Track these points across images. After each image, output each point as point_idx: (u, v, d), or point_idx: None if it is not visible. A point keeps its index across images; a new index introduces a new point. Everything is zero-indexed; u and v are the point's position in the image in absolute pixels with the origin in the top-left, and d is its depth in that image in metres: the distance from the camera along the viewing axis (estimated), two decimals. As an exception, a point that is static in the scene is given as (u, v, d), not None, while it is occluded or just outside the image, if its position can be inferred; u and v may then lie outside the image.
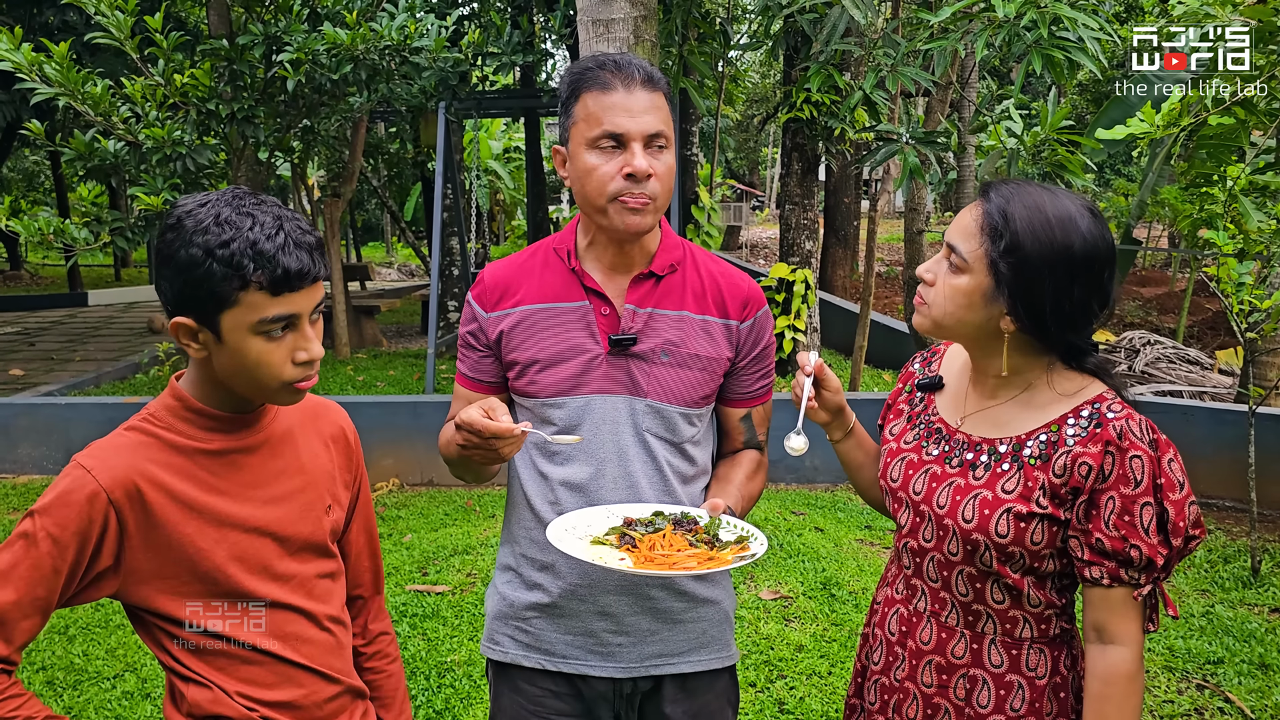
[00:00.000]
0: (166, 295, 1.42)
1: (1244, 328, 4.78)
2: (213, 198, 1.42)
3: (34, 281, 24.32)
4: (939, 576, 1.64)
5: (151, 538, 1.43)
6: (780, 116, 8.05)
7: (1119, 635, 1.51)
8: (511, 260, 1.91)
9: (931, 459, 1.68)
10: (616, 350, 1.79)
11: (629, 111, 1.67)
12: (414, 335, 14.32)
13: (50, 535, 1.36)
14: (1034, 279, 1.49)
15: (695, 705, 1.89)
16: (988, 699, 1.60)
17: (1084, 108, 20.05)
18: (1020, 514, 1.52)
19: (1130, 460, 1.47)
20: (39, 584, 1.37)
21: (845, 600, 4.53)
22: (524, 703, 1.89)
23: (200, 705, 1.51)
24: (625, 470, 1.81)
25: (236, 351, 1.41)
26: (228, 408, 1.51)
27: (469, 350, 1.90)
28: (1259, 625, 4.31)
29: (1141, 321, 14.27)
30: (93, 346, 13.28)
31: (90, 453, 1.42)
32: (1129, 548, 1.47)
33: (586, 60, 1.74)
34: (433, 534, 5.63)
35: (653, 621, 1.84)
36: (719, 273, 1.89)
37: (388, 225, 33.88)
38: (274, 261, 1.37)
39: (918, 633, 1.68)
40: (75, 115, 5.85)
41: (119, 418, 5.73)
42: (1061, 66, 3.91)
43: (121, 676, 4.00)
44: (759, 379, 1.91)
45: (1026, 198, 1.52)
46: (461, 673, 3.88)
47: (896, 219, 28.81)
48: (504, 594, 1.93)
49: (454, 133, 11.04)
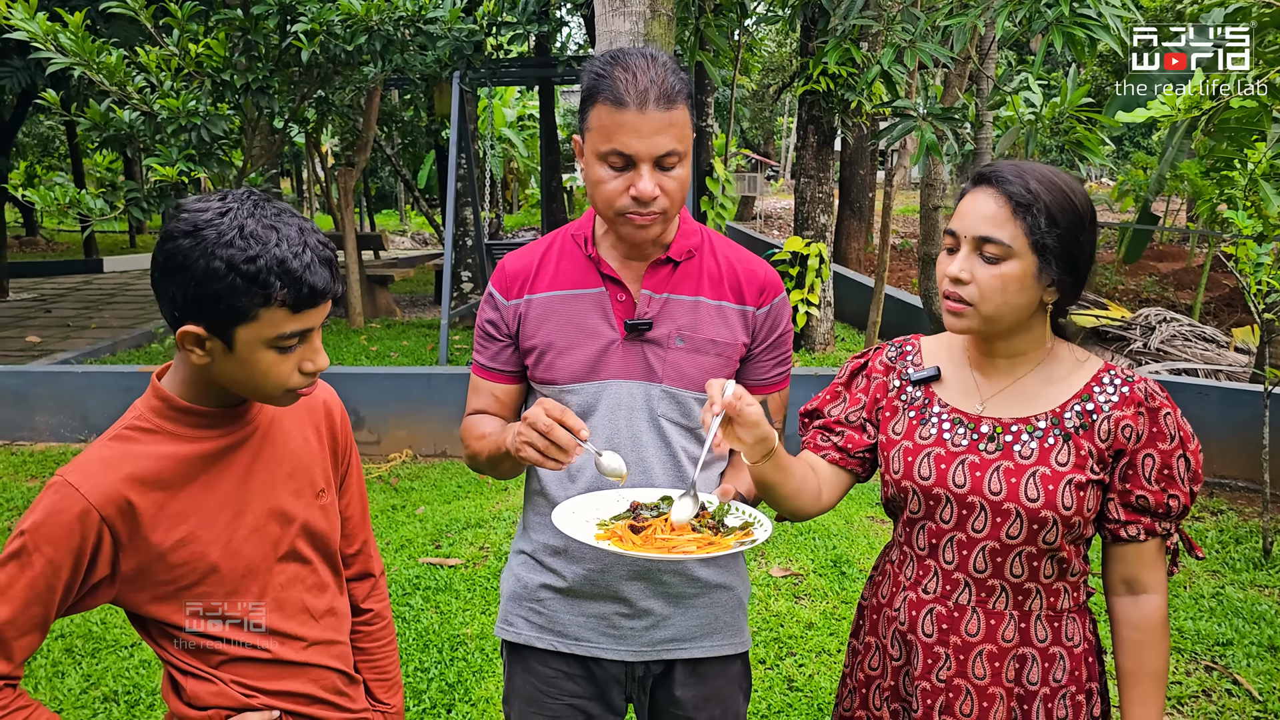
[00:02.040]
0: (175, 301, 1.37)
1: (1261, 308, 4.74)
2: (231, 206, 1.37)
3: (50, 248, 24.42)
4: (990, 564, 1.63)
5: (145, 545, 1.42)
6: (797, 88, 7.98)
7: (1151, 584, 1.63)
8: (531, 249, 1.92)
9: (962, 449, 1.66)
10: (632, 335, 1.80)
11: (639, 133, 1.62)
12: (427, 305, 14.34)
13: (44, 555, 1.35)
14: (1074, 245, 1.56)
15: (706, 690, 1.91)
16: (1036, 675, 1.64)
17: (1104, 79, 19.81)
18: (1080, 483, 1.57)
19: (1164, 417, 1.58)
20: (34, 602, 1.36)
21: (855, 578, 4.55)
22: (537, 684, 1.91)
23: (200, 697, 1.53)
24: (639, 455, 1.82)
25: (246, 362, 1.40)
26: (216, 404, 1.49)
27: (488, 341, 1.90)
28: (1269, 607, 4.31)
29: (1158, 297, 14.16)
30: (109, 314, 13.35)
31: (76, 468, 1.40)
32: (1169, 499, 1.58)
33: (606, 61, 1.68)
34: (446, 506, 5.67)
35: (665, 605, 1.86)
36: (736, 259, 1.88)
37: (401, 193, 33.83)
38: (300, 281, 1.36)
39: (962, 627, 1.66)
40: (90, 84, 5.85)
41: (135, 386, 5.77)
42: (1082, 44, 3.86)
43: (140, 645, 4.06)
44: (775, 365, 1.91)
45: (1036, 172, 1.57)
46: (474, 646, 3.92)
47: (912, 190, 28.61)
48: (518, 575, 1.95)
49: (468, 102, 10.98)
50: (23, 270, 18.33)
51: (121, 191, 6.15)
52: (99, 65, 5.58)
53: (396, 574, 4.60)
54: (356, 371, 7.31)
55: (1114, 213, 24.54)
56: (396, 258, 21.11)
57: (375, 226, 28.08)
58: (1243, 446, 5.81)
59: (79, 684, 3.75)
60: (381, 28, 5.86)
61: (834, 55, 5.08)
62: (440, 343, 9.24)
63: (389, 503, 5.85)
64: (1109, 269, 15.98)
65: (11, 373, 7.66)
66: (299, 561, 1.60)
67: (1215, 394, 6.20)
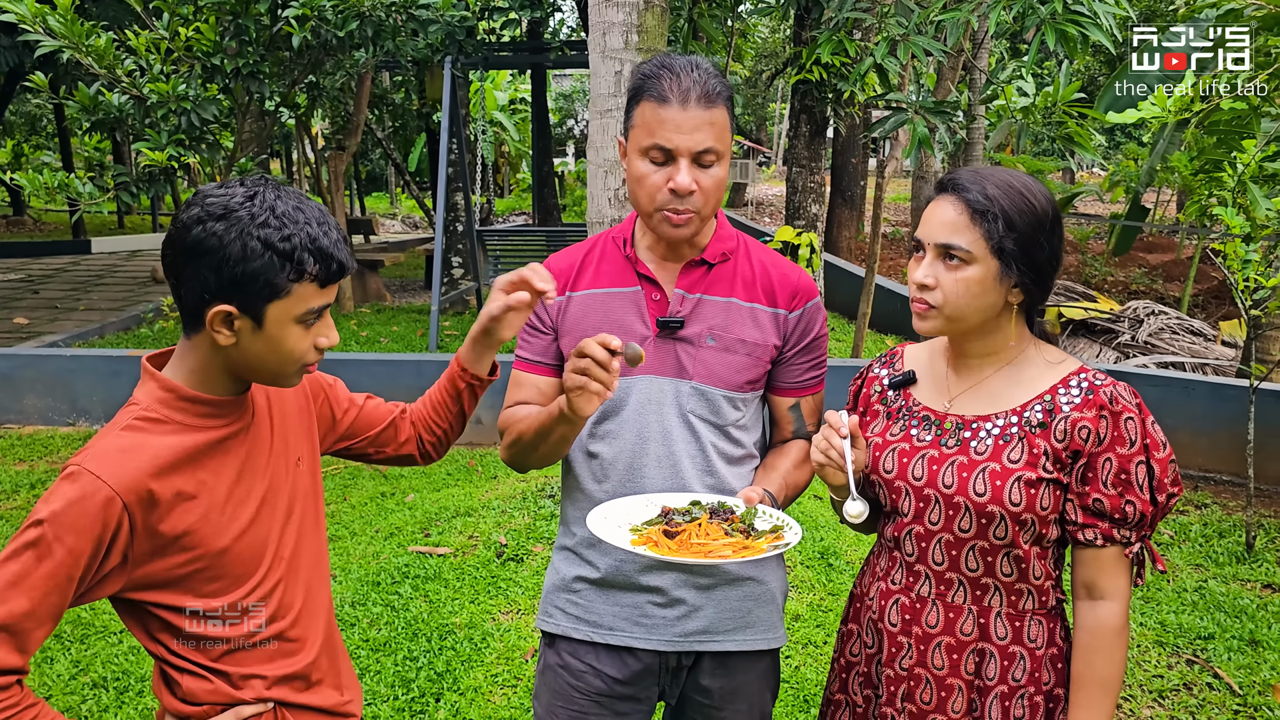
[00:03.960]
0: (206, 283, 1.40)
1: (1248, 304, 4.77)
2: (256, 189, 1.44)
3: (37, 228, 24.28)
4: (946, 557, 1.69)
5: (159, 534, 1.44)
6: (790, 78, 7.97)
7: (1108, 591, 1.63)
8: (575, 249, 1.99)
9: (925, 444, 1.72)
10: (664, 333, 1.86)
11: (680, 128, 1.70)
12: (417, 290, 14.32)
13: (65, 544, 1.35)
14: (1033, 247, 1.59)
15: (734, 683, 1.95)
16: (994, 671, 1.67)
17: (1097, 69, 19.82)
18: (1030, 480, 1.59)
19: (1125, 422, 1.58)
20: (53, 592, 1.36)
21: (843, 570, 4.58)
22: (568, 676, 1.95)
23: (195, 694, 1.55)
24: (669, 449, 1.87)
25: (274, 339, 1.46)
26: (223, 393, 1.53)
27: (532, 335, 1.96)
28: (1251, 601, 4.35)
29: (1147, 289, 14.23)
30: (97, 295, 13.29)
31: (95, 456, 1.41)
32: (1125, 504, 1.58)
33: (653, 64, 1.77)
34: (435, 494, 5.68)
35: (698, 595, 1.89)
36: (770, 263, 1.94)
37: (392, 176, 33.69)
38: (330, 257, 1.45)
39: (923, 618, 1.72)
40: (79, 66, 5.80)
41: (124, 370, 5.77)
42: (1075, 41, 3.87)
43: (126, 632, 4.06)
44: (808, 369, 1.95)
45: (994, 178, 1.62)
46: (463, 635, 3.94)
47: (904, 177, 28.60)
48: (558, 568, 2.01)
49: (460, 87, 10.93)
50: (10, 251, 18.24)
51: (110, 174, 6.11)
52: (88, 48, 5.54)
53: (386, 562, 4.62)
54: (346, 357, 7.30)
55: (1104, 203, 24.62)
56: (387, 241, 21.05)
57: (365, 210, 27.98)
58: (1228, 441, 5.86)
59: (68, 670, 3.76)
60: (373, 13, 5.83)
61: (827, 48, 5.08)
62: (430, 329, 9.24)
63: (378, 490, 5.86)
64: (1098, 261, 16.03)
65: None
66: (296, 532, 1.65)
67: (1202, 388, 6.25)
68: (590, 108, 4.55)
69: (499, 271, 11.23)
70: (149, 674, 3.73)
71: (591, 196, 4.59)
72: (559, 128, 34.28)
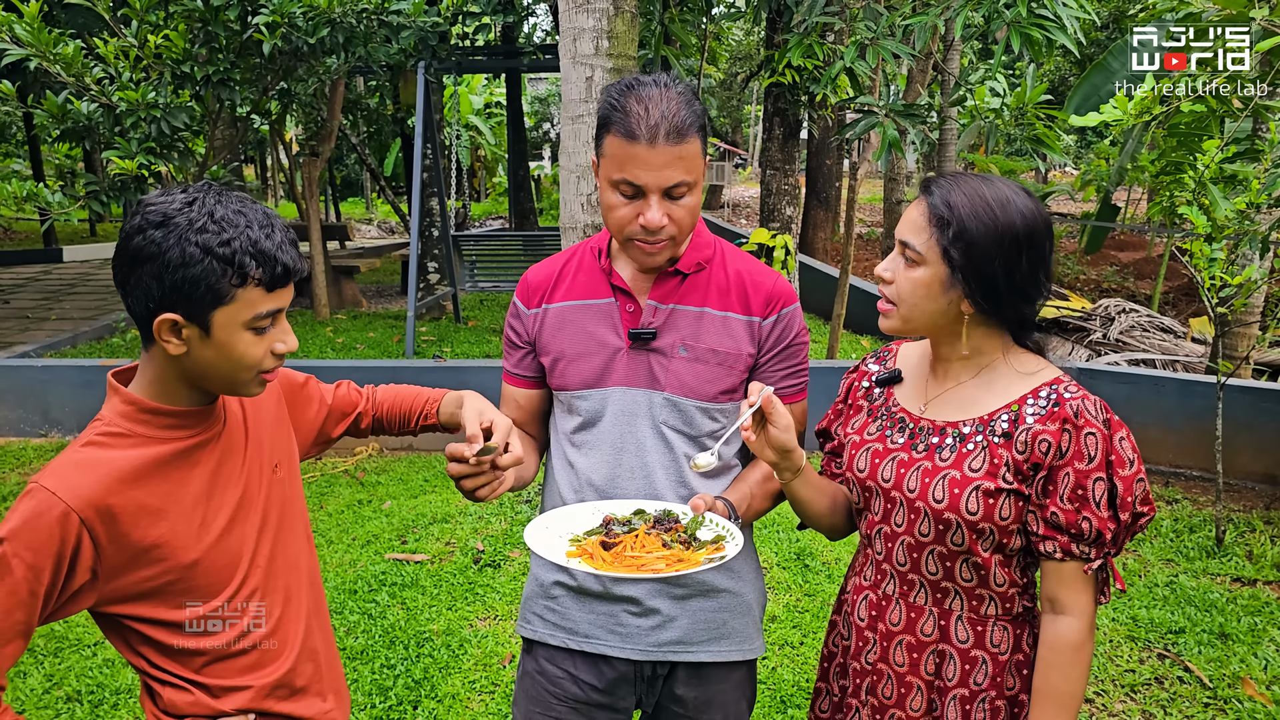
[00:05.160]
0: (149, 292, 1.39)
1: (1215, 302, 4.84)
2: (196, 195, 1.43)
3: (7, 236, 23.99)
4: (908, 559, 1.71)
5: (126, 547, 1.43)
6: (763, 80, 8.01)
7: (1069, 606, 1.61)
8: (553, 260, 1.99)
9: (897, 447, 1.73)
10: (637, 345, 1.85)
11: (649, 165, 1.67)
12: (394, 295, 14.26)
13: (24, 561, 1.35)
14: (984, 259, 1.58)
15: (709, 693, 1.95)
16: (954, 673, 1.68)
17: (1067, 69, 20.01)
18: (988, 490, 1.59)
19: (1085, 437, 1.56)
20: (17, 609, 1.36)
21: (818, 571, 4.61)
22: (545, 683, 1.97)
23: (177, 705, 1.55)
24: (642, 461, 1.87)
25: (223, 346, 1.44)
26: (185, 403, 1.52)
27: (512, 348, 1.99)
28: (1220, 595, 4.41)
29: (1118, 287, 14.38)
30: (68, 305, 13.16)
31: (53, 473, 1.40)
32: (1081, 519, 1.55)
33: (621, 91, 1.72)
34: (412, 501, 5.67)
35: (672, 606, 1.89)
36: (745, 270, 1.92)
37: (367, 181, 33.54)
38: (274, 260, 1.43)
39: (887, 615, 1.75)
40: (47, 74, 5.75)
41: (96, 380, 5.71)
42: (1040, 45, 3.91)
43: (102, 644, 4.03)
44: (785, 376, 1.92)
45: (966, 186, 1.61)
46: (440, 642, 3.93)
47: (878, 178, 28.76)
48: (536, 575, 2.02)
49: (434, 91, 10.91)
50: (-20, 260, 18.03)
51: (80, 183, 6.06)
52: (56, 56, 5.49)
53: (363, 570, 4.60)
54: (322, 364, 7.27)
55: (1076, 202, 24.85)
56: (362, 247, 20.93)
57: (341, 215, 27.82)
58: (1197, 436, 5.94)
59: (41, 684, 3.73)
60: (344, 20, 5.82)
61: (797, 52, 5.11)
62: (407, 335, 9.20)
63: (355, 497, 5.84)
64: (1070, 259, 16.17)
65: (-31, 367, 7.54)
66: (273, 535, 1.64)
67: (1171, 385, 6.32)
68: (562, 113, 4.56)
69: (475, 277, 11.21)
70: (123, 687, 3.71)
71: (564, 202, 4.60)
72: (534, 131, 34.24)
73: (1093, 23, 4.08)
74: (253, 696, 1.60)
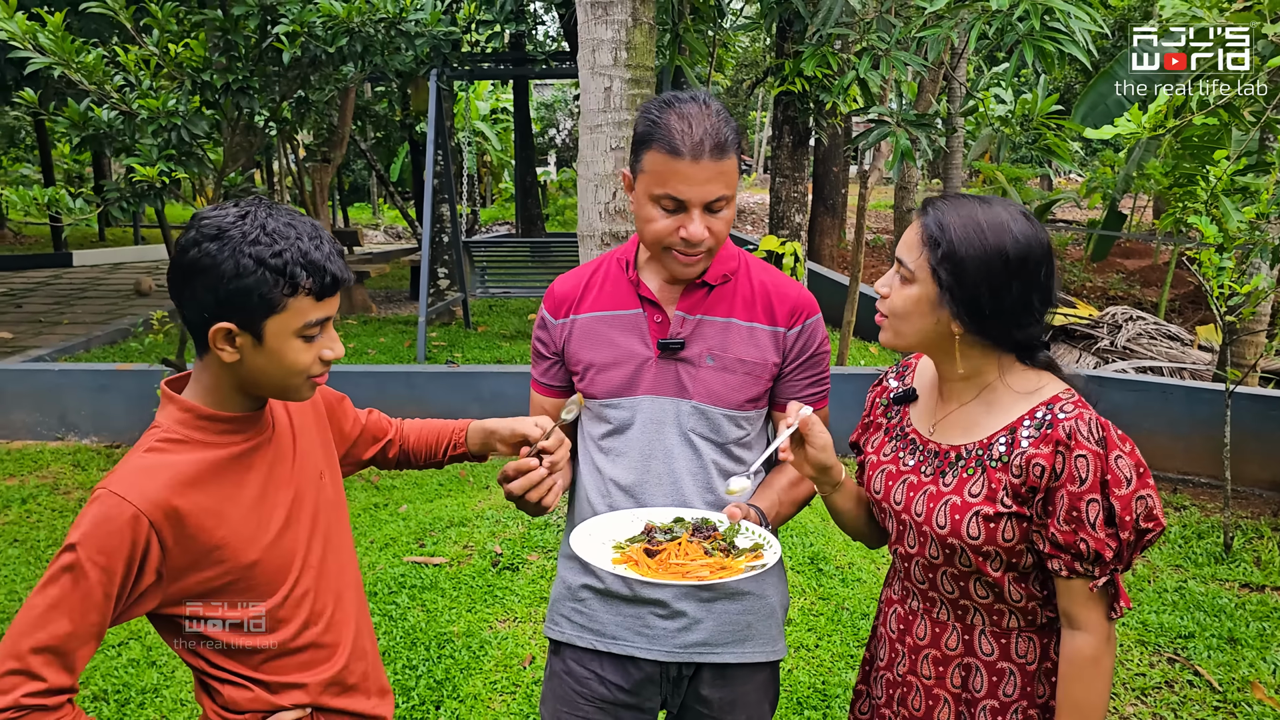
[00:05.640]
0: (204, 303, 1.46)
1: (1223, 311, 4.89)
2: (249, 209, 1.49)
3: (17, 241, 24.12)
4: (925, 578, 1.76)
5: (190, 549, 1.50)
6: (772, 89, 8.08)
7: (1081, 622, 1.62)
8: (580, 271, 2.05)
9: (908, 469, 1.78)
10: (666, 354, 1.92)
11: (691, 181, 1.73)
12: (402, 301, 14.34)
13: (97, 564, 1.41)
14: (972, 281, 1.60)
15: (733, 693, 2.01)
16: (981, 684, 1.72)
17: (1074, 77, 20.05)
18: (988, 515, 1.62)
19: (1076, 460, 1.56)
20: (91, 611, 1.42)
21: (832, 575, 4.66)
22: (573, 683, 2.02)
23: (237, 702, 1.61)
24: (670, 467, 1.93)
25: (275, 353, 1.50)
26: (238, 409, 1.59)
27: (540, 358, 2.06)
28: (1229, 600, 4.46)
29: (1125, 295, 14.41)
30: (80, 309, 13.25)
31: (119, 478, 1.46)
32: (1078, 540, 1.56)
33: (661, 106, 1.78)
34: (428, 505, 5.73)
35: (698, 608, 1.95)
36: (770, 282, 1.99)
37: (374, 187, 33.65)
38: (323, 270, 1.49)
39: (914, 630, 1.79)
40: (62, 80, 5.82)
41: (112, 384, 5.78)
42: (1052, 58, 3.98)
43: (126, 644, 4.10)
44: (808, 385, 1.99)
45: (961, 208, 1.64)
46: (461, 644, 3.99)
47: (885, 185, 28.79)
48: (564, 578, 2.08)
49: (445, 99, 10.99)
50: (-10, 264, 18.13)
51: (89, 187, 6.13)
52: (78, 65, 5.56)
53: (382, 572, 4.66)
54: (334, 369, 7.34)
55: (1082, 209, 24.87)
56: (371, 252, 21.05)
57: (349, 221, 27.93)
58: (1205, 444, 5.99)
59: (68, 684, 3.78)
60: (362, 29, 5.89)
61: (811, 63, 5.18)
62: (418, 340, 9.27)
63: (371, 501, 5.90)
64: (1077, 267, 16.22)
65: (-14, 370, 7.63)
66: (323, 538, 1.71)
67: (1179, 392, 6.37)
68: (580, 123, 4.63)
69: (486, 282, 11.28)
70: (149, 686, 3.77)
71: (582, 210, 4.66)
72: (540, 137, 34.31)
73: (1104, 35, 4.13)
74: (309, 692, 1.66)
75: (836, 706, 3.57)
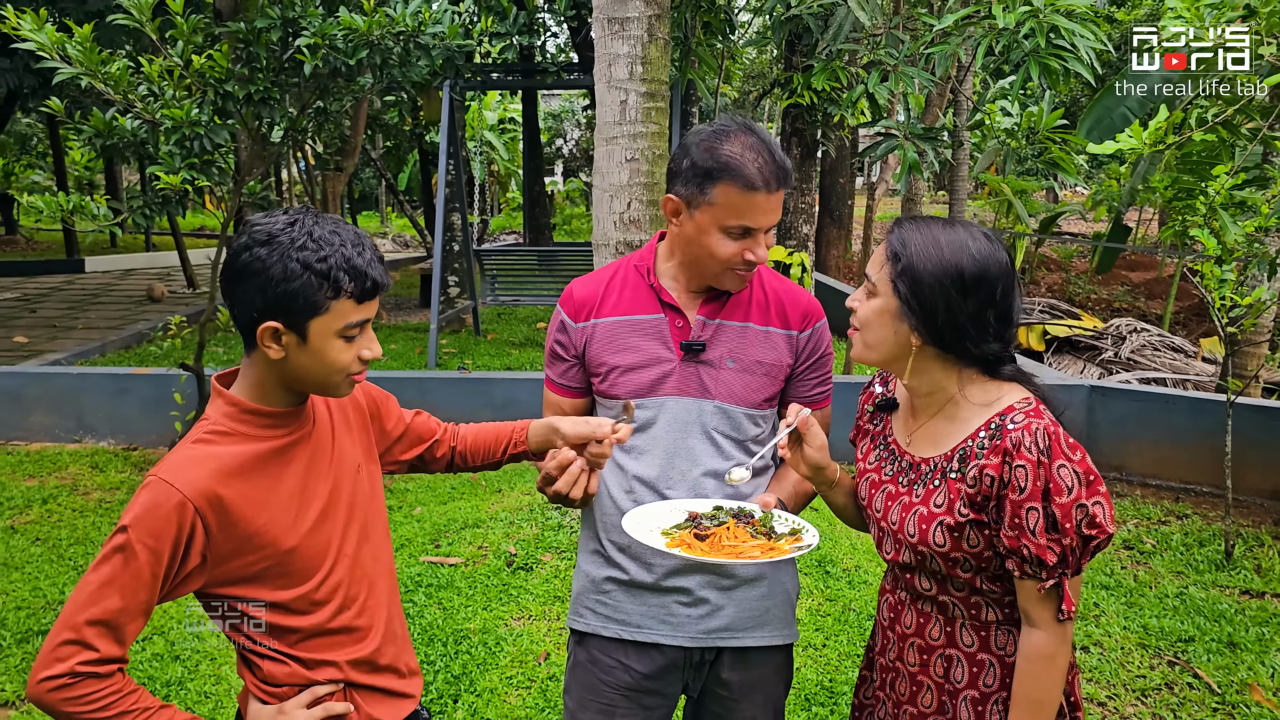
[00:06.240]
0: (254, 303, 1.57)
1: (1225, 322, 4.98)
2: (297, 217, 1.61)
3: (30, 246, 24.31)
4: (905, 577, 1.88)
5: (233, 535, 1.60)
6: (781, 101, 8.21)
7: (1036, 619, 1.70)
8: (597, 276, 2.16)
9: (888, 479, 1.89)
10: (688, 357, 2.04)
11: (764, 210, 1.89)
12: (412, 308, 14.46)
13: (146, 546, 1.52)
14: (929, 295, 1.69)
15: (752, 676, 2.12)
16: (962, 675, 1.81)
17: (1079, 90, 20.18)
18: (950, 525, 1.71)
19: (1016, 470, 1.64)
20: (141, 589, 1.53)
21: (839, 577, 4.76)
22: (598, 672, 2.12)
23: (275, 676, 1.73)
24: (692, 464, 2.05)
25: (318, 352, 1.61)
26: (281, 404, 1.69)
27: (557, 360, 2.16)
28: (1229, 606, 4.55)
29: (1130, 307, 14.50)
30: (94, 314, 13.39)
31: (168, 467, 1.57)
32: (1021, 546, 1.64)
33: (723, 143, 1.89)
34: (442, 507, 5.83)
35: (720, 595, 2.07)
36: (782, 289, 2.13)
37: (383, 195, 33.85)
38: (364, 275, 1.60)
39: (902, 619, 1.90)
40: (80, 88, 5.96)
41: (129, 387, 5.91)
42: (1057, 74, 4.09)
43: (150, 639, 4.20)
44: (816, 385, 2.14)
45: (924, 228, 1.74)
46: (477, 640, 4.09)
47: (891, 197, 28.93)
48: (587, 571, 2.18)
49: (457, 109, 11.14)
50: (4, 269, 18.29)
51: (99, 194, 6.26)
52: (105, 75, 5.70)
53: (399, 572, 4.76)
54: (350, 375, 7.44)
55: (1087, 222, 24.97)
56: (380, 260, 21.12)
57: (357, 228, 28.03)
58: (1207, 453, 6.07)
59: (96, 676, 3.89)
60: (382, 41, 6.02)
61: (821, 77, 5.30)
62: (430, 347, 9.39)
63: (385, 503, 6.00)
64: (1082, 279, 16.31)
65: (5, 373, 7.74)
66: (359, 528, 1.81)
67: (1182, 403, 6.46)
68: (596, 135, 4.75)
69: (496, 290, 11.40)
70: (173, 679, 3.87)
71: (597, 220, 4.78)
72: (548, 147, 34.48)
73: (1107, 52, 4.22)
74: (343, 670, 1.77)
75: (843, 703, 3.66)
